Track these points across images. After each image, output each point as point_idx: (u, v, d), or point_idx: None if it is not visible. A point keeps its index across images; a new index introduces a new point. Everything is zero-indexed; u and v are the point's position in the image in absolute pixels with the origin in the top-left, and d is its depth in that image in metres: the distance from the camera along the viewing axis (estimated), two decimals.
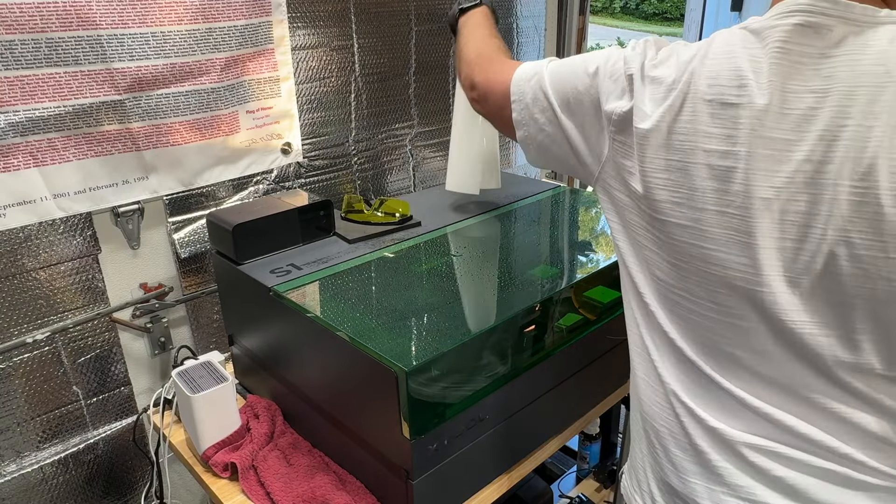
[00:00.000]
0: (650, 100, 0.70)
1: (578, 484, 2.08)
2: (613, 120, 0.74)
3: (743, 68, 0.64)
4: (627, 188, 0.75)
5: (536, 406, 1.14)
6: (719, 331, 0.71)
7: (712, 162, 0.65)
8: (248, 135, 1.51)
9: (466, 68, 1.01)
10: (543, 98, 0.82)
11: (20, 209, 1.21)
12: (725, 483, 0.74)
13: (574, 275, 1.24)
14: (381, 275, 1.21)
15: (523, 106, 0.85)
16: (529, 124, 0.85)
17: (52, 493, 1.38)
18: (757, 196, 0.63)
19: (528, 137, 0.86)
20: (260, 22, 1.44)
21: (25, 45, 1.13)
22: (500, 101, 0.90)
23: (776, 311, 0.66)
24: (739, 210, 0.65)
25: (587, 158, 0.80)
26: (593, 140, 0.78)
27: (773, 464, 0.71)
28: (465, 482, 1.06)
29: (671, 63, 0.69)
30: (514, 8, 2.11)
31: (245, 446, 1.17)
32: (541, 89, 0.83)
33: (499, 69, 0.93)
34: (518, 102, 0.86)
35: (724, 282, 0.68)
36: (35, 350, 1.30)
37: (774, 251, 0.64)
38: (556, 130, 0.82)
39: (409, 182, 1.97)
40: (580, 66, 0.79)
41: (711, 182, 0.66)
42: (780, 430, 0.70)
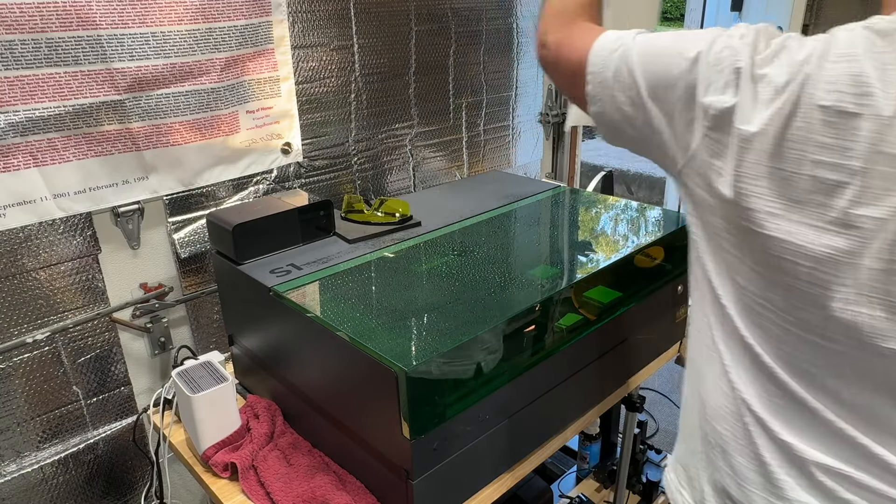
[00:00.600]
0: (758, 101, 0.64)
1: (578, 484, 2.08)
2: (710, 115, 0.67)
3: (867, 74, 0.57)
4: (711, 189, 0.69)
5: (536, 406, 1.14)
6: (802, 349, 0.67)
7: (820, 174, 0.60)
8: (248, 135, 1.51)
9: (543, 22, 0.89)
10: (628, 76, 0.74)
11: (20, 209, 1.21)
12: (786, 498, 0.72)
13: (574, 275, 1.24)
14: (381, 275, 1.21)
15: (601, 80, 0.77)
16: (606, 101, 0.78)
17: (52, 493, 1.38)
18: (869, 215, 0.58)
19: (603, 115, 0.79)
20: (260, 22, 1.44)
21: (25, 45, 1.13)
22: (574, 68, 0.81)
23: (874, 337, 0.62)
24: (844, 228, 0.60)
25: (670, 148, 0.73)
26: (681, 130, 0.71)
27: (840, 487, 0.68)
28: (465, 482, 1.06)
29: (783, 61, 0.63)
30: (514, 8, 2.11)
31: (245, 446, 1.17)
32: (626, 65, 0.74)
33: (577, 34, 0.83)
34: (595, 75, 0.78)
35: (816, 301, 0.64)
36: (35, 350, 1.30)
37: (882, 273, 0.59)
38: (637, 113, 0.75)
39: (409, 182, 1.97)
40: (676, 46, 0.71)
41: (816, 196, 0.61)
42: (859, 455, 0.67)
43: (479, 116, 2.12)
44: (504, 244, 1.37)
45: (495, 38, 2.08)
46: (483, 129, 2.16)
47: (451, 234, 1.39)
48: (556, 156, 2.48)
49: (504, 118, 2.22)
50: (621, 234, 1.43)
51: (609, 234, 1.43)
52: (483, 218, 1.48)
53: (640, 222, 1.49)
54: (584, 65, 0.78)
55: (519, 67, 2.21)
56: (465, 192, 1.67)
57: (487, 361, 1.03)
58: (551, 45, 0.85)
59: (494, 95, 2.15)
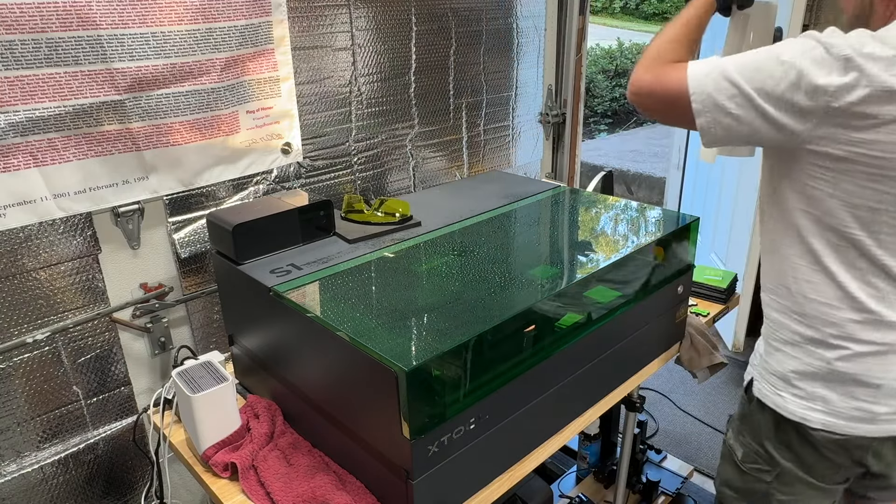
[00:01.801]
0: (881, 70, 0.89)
1: (578, 484, 2.08)
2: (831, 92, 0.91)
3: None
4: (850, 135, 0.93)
5: (536, 406, 1.14)
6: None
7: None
8: (248, 135, 1.51)
9: (643, 62, 1.13)
10: (730, 86, 0.98)
11: (20, 209, 1.21)
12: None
13: (574, 275, 1.24)
14: (381, 275, 1.21)
15: (704, 96, 1.01)
16: (712, 111, 1.01)
17: (53, 493, 1.38)
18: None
19: (711, 122, 1.02)
20: (260, 22, 1.44)
21: (25, 45, 1.13)
22: (674, 95, 1.05)
23: None
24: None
25: (787, 125, 0.97)
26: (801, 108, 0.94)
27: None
28: (465, 482, 1.06)
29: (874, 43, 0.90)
30: (514, 8, 2.11)
31: (245, 446, 1.17)
32: (725, 80, 0.99)
33: (669, 71, 1.07)
34: (698, 94, 1.01)
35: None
36: (35, 350, 1.30)
37: None
38: (745, 112, 0.98)
39: (409, 182, 1.97)
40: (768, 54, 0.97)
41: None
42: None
43: (479, 116, 2.12)
44: (504, 244, 1.37)
45: (495, 38, 2.08)
46: (483, 129, 2.16)
47: (451, 234, 1.39)
48: (556, 156, 2.48)
49: (504, 118, 2.22)
50: (621, 234, 1.43)
51: (609, 234, 1.43)
52: (483, 218, 1.48)
53: (640, 222, 1.49)
54: (685, 89, 1.02)
55: (519, 67, 2.21)
56: (465, 192, 1.67)
57: (487, 362, 1.03)
58: (646, 84, 1.09)
59: (494, 95, 2.15)
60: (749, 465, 1.27)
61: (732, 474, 1.31)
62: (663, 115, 1.14)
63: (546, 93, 2.36)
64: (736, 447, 1.29)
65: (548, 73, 2.34)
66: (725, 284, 1.84)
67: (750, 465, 1.27)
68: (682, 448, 2.52)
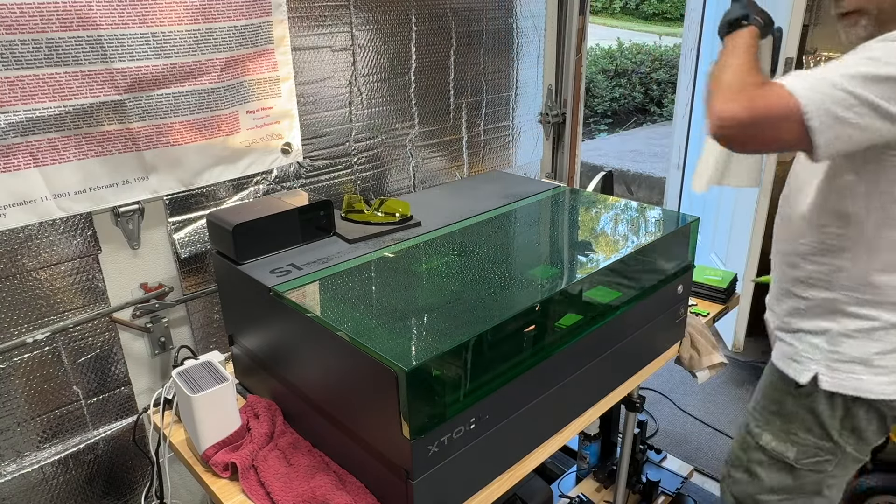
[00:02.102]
0: None
1: (578, 484, 2.08)
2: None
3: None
4: None
5: (536, 406, 1.14)
6: None
7: None
8: (249, 135, 1.51)
9: (721, 94, 1.06)
10: (847, 97, 0.98)
11: (20, 209, 1.21)
12: None
13: (574, 275, 1.24)
14: (381, 275, 1.21)
15: (822, 112, 0.98)
16: (832, 125, 0.99)
17: (53, 493, 1.38)
18: None
19: (833, 136, 1.00)
20: (260, 22, 1.44)
21: (26, 45, 1.13)
22: (781, 118, 1.01)
23: None
24: None
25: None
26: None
27: None
28: (465, 482, 1.06)
29: None
30: (514, 8, 2.11)
31: (245, 446, 1.17)
32: (843, 92, 0.98)
33: (765, 93, 1.03)
34: (814, 111, 0.98)
35: None
36: (35, 350, 1.30)
37: None
38: (867, 119, 0.99)
39: (409, 182, 1.97)
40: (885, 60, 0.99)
41: None
42: None
43: (479, 116, 2.12)
44: (504, 244, 1.37)
45: (495, 38, 2.08)
46: (483, 129, 2.16)
47: (451, 234, 1.39)
48: (556, 156, 2.48)
49: (504, 118, 2.22)
50: (621, 234, 1.43)
51: (609, 234, 1.43)
52: (483, 218, 1.48)
53: (640, 222, 1.49)
54: (796, 108, 0.99)
55: (519, 67, 2.21)
56: (465, 192, 1.67)
57: (487, 361, 1.03)
58: (739, 112, 1.02)
59: (494, 95, 2.15)
60: (806, 460, 1.31)
61: (782, 478, 1.34)
62: (764, 141, 1.07)
63: (546, 93, 2.36)
64: (786, 449, 1.32)
65: (548, 73, 2.34)
66: (725, 284, 1.84)
67: (807, 461, 1.31)
68: (682, 448, 2.52)
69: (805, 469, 1.32)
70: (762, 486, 1.37)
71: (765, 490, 1.37)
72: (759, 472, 1.38)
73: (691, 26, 3.92)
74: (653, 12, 14.22)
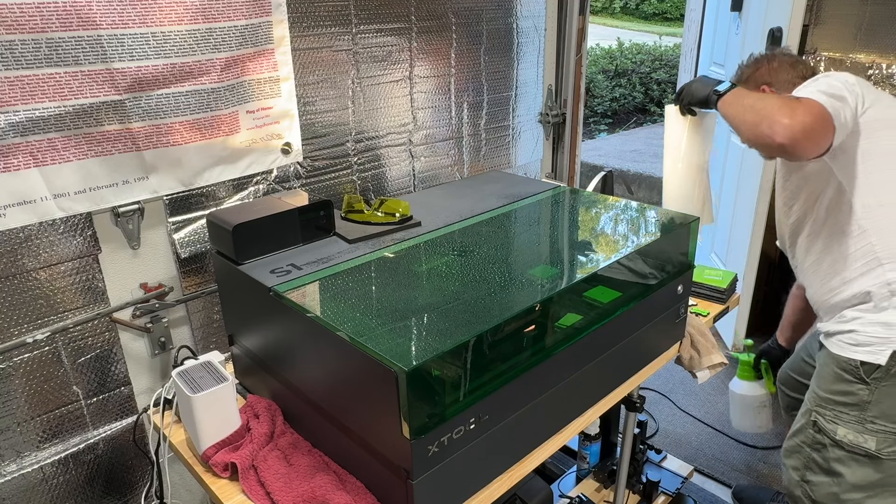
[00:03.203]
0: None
1: (578, 484, 2.08)
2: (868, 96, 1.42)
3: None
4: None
5: (536, 406, 1.14)
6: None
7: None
8: (249, 135, 1.51)
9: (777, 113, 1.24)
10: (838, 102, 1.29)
11: (20, 209, 1.21)
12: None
13: (574, 275, 1.24)
14: (381, 275, 1.21)
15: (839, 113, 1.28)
16: (846, 122, 1.30)
17: (53, 493, 1.38)
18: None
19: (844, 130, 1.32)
20: (260, 22, 1.44)
21: (26, 45, 1.13)
22: (824, 124, 1.26)
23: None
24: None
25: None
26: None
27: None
28: (465, 482, 1.06)
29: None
30: (514, 8, 2.11)
31: (245, 446, 1.17)
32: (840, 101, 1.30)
33: (804, 107, 1.25)
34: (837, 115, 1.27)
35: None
36: (35, 350, 1.30)
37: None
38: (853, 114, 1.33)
39: (409, 182, 1.97)
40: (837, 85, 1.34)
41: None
42: None
43: (479, 116, 2.12)
44: (504, 244, 1.37)
45: (495, 38, 2.08)
46: (483, 129, 2.16)
47: (451, 234, 1.39)
48: (556, 156, 2.48)
49: (504, 118, 2.22)
50: (621, 234, 1.43)
51: (609, 234, 1.43)
52: (483, 218, 1.48)
53: (640, 222, 1.49)
54: (829, 117, 1.27)
55: (519, 67, 2.21)
56: (465, 192, 1.67)
57: (487, 361, 1.03)
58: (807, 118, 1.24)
59: (494, 95, 2.15)
60: (891, 448, 1.32)
61: (866, 473, 1.34)
62: (818, 145, 1.29)
63: (546, 93, 2.36)
64: (865, 440, 1.33)
65: (548, 73, 2.34)
66: (725, 284, 1.84)
67: (892, 449, 1.32)
68: (682, 448, 2.52)
69: (890, 459, 1.32)
70: (846, 483, 1.37)
71: (849, 488, 1.36)
72: (841, 470, 1.37)
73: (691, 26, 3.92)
74: (653, 12, 14.22)
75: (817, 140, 1.27)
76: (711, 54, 3.55)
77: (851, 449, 1.36)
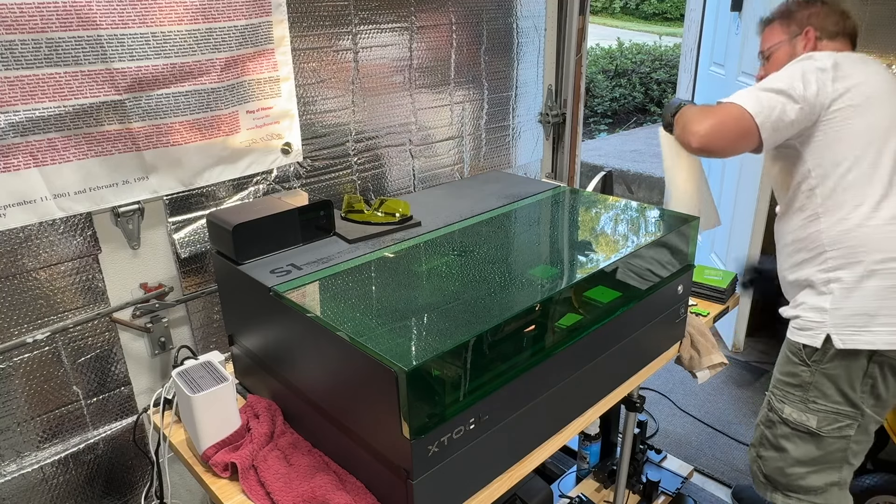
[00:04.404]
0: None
1: (578, 484, 2.08)
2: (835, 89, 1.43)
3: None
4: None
5: (536, 406, 1.14)
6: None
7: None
8: (249, 135, 1.51)
9: (690, 124, 1.46)
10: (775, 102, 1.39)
11: (20, 209, 1.21)
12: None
13: (574, 275, 1.24)
14: (381, 275, 1.21)
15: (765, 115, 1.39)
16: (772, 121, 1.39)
17: (53, 492, 1.38)
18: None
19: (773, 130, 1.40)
20: (260, 22, 1.44)
21: (26, 45, 1.13)
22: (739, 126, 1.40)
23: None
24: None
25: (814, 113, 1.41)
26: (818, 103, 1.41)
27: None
28: (465, 482, 1.06)
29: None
30: (514, 8, 2.11)
31: (245, 446, 1.17)
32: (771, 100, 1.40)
33: (718, 113, 1.44)
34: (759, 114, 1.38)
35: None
36: (35, 350, 1.30)
37: None
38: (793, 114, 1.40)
39: (409, 182, 1.97)
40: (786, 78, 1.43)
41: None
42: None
43: (479, 116, 2.12)
44: (504, 244, 1.37)
45: (495, 38, 2.08)
46: (483, 129, 2.16)
47: (451, 234, 1.39)
48: (556, 156, 2.48)
49: (504, 118, 2.22)
50: (621, 234, 1.43)
51: (609, 234, 1.43)
52: (483, 218, 1.48)
53: (640, 222, 1.49)
54: (748, 116, 1.39)
55: (519, 67, 2.21)
56: (465, 192, 1.67)
57: (487, 361, 1.03)
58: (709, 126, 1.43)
59: (494, 95, 2.15)
60: (829, 427, 1.44)
61: (808, 449, 1.47)
62: (734, 143, 1.44)
63: (546, 93, 2.36)
64: (808, 419, 1.45)
65: (548, 73, 2.34)
66: (725, 284, 1.84)
67: (830, 427, 1.44)
68: (682, 448, 2.52)
69: (829, 437, 1.44)
70: (790, 458, 1.50)
71: (793, 462, 1.48)
72: (786, 446, 1.51)
73: (691, 26, 3.92)
74: (653, 12, 14.22)
75: (731, 141, 1.43)
76: (711, 54, 3.55)
77: (795, 427, 1.48)
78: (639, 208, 1.56)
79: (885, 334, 1.36)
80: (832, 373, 1.42)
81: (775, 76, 1.45)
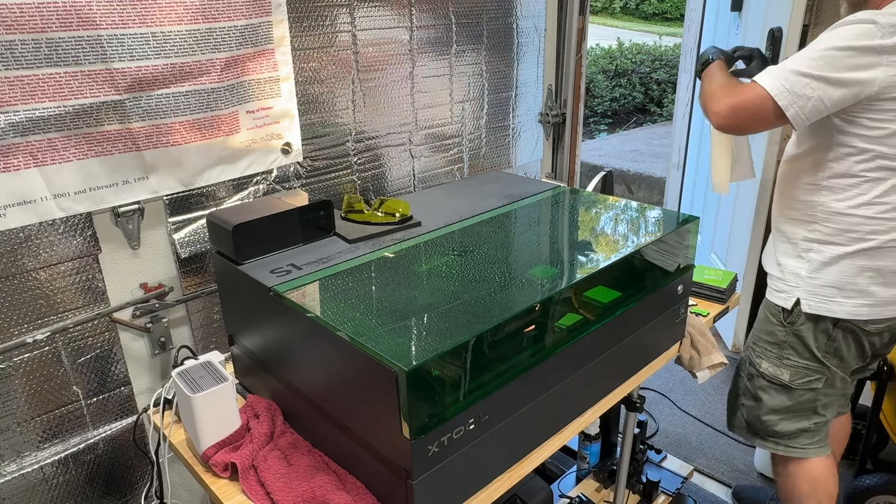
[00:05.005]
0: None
1: (578, 484, 2.08)
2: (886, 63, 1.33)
3: None
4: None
5: (536, 406, 1.14)
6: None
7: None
8: (249, 135, 1.51)
9: (711, 101, 1.46)
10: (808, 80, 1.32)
11: (20, 209, 1.21)
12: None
13: (574, 275, 1.24)
14: (381, 275, 1.21)
15: (788, 94, 1.34)
16: (798, 102, 1.34)
17: (53, 493, 1.38)
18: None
19: (799, 110, 1.34)
20: (260, 22, 1.44)
21: (26, 45, 1.13)
22: (759, 105, 1.37)
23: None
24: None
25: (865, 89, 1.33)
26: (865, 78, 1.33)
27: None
28: (465, 482, 1.06)
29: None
30: (514, 8, 2.11)
31: (245, 446, 1.17)
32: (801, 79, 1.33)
33: (740, 91, 1.42)
34: (782, 95, 1.34)
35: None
36: (35, 350, 1.30)
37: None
38: (825, 92, 1.32)
39: (409, 182, 1.97)
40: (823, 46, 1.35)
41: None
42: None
43: (479, 116, 2.12)
44: (504, 244, 1.37)
45: (495, 38, 2.08)
46: (483, 129, 2.16)
47: (451, 234, 1.39)
48: (556, 156, 2.48)
49: (504, 118, 2.22)
50: (621, 234, 1.43)
51: (609, 234, 1.43)
52: (483, 218, 1.48)
53: (640, 222, 1.49)
54: (769, 97, 1.36)
55: (519, 67, 2.21)
56: (465, 192, 1.67)
57: (487, 361, 1.03)
58: (729, 107, 1.42)
59: (494, 95, 2.15)
60: (800, 380, 1.60)
61: (781, 399, 1.63)
62: (754, 123, 1.44)
63: (546, 93, 2.36)
64: (781, 373, 1.62)
65: (548, 73, 2.34)
66: (725, 284, 1.84)
67: (801, 381, 1.60)
68: (682, 448, 2.52)
69: (799, 389, 1.61)
70: (765, 407, 1.67)
71: (768, 411, 1.66)
72: (762, 396, 1.67)
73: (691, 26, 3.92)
74: (653, 12, 14.21)
75: (750, 121, 1.43)
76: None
77: (771, 380, 1.65)
78: (639, 208, 1.56)
79: (848, 306, 1.50)
80: (803, 334, 1.57)
81: (799, 56, 1.35)
